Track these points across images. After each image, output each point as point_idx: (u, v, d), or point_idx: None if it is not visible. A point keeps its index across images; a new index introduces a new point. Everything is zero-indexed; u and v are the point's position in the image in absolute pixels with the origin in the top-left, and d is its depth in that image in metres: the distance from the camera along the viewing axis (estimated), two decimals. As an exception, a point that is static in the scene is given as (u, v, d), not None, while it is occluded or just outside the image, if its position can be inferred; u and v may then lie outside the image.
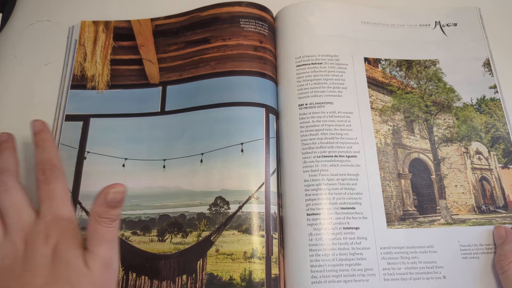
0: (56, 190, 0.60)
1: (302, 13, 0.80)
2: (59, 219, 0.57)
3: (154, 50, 0.80)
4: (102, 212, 0.55)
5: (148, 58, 0.80)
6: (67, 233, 0.56)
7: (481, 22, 0.83)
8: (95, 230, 0.55)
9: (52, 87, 0.79)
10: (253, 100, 0.73)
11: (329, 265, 0.64)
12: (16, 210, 0.57)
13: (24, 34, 0.85)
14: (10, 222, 0.56)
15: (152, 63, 0.79)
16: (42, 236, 0.54)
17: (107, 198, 0.55)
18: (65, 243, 0.54)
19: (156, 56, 0.80)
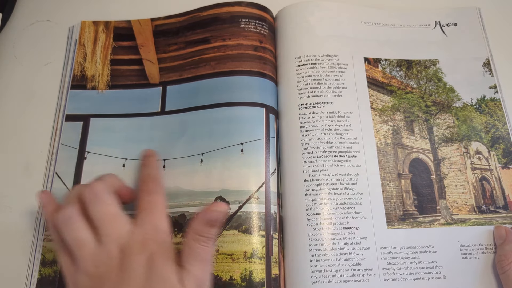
0: (157, 202, 0.60)
1: (302, 13, 0.81)
2: (157, 230, 0.57)
3: (154, 50, 0.81)
4: (201, 230, 0.55)
5: (148, 58, 0.80)
6: (163, 245, 0.56)
7: (481, 22, 0.84)
8: (191, 248, 0.55)
9: (52, 87, 0.80)
10: (253, 100, 0.73)
11: (329, 265, 0.64)
12: (112, 218, 0.57)
13: (24, 34, 0.85)
14: (105, 233, 0.55)
15: (152, 63, 0.79)
16: (139, 245, 0.54)
17: (208, 216, 0.55)
18: (161, 255, 0.54)
19: (156, 56, 0.80)
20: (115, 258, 0.54)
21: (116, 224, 0.56)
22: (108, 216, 0.56)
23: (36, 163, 0.74)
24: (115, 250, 0.54)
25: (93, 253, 0.55)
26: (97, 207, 0.56)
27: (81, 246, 0.55)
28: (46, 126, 0.76)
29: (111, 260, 0.54)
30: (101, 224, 0.56)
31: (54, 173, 0.72)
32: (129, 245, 0.54)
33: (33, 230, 0.69)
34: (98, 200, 0.57)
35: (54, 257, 0.67)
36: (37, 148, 0.75)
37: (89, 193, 0.57)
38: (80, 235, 0.55)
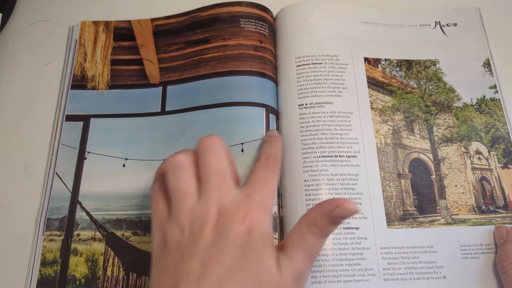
0: (272, 180, 0.58)
1: (302, 13, 0.81)
2: (264, 206, 0.54)
3: (155, 50, 0.81)
4: (321, 223, 0.51)
5: (149, 58, 0.80)
6: (265, 223, 0.53)
7: (481, 22, 0.84)
8: (302, 236, 0.52)
9: (52, 87, 0.80)
10: (253, 100, 0.73)
11: (329, 265, 0.64)
12: (220, 175, 0.54)
13: (24, 34, 0.85)
14: (209, 188, 0.53)
15: (152, 63, 0.80)
16: (242, 213, 0.51)
17: (335, 212, 0.51)
18: (262, 233, 0.51)
19: (156, 56, 0.80)
20: (213, 219, 0.51)
21: (223, 183, 0.54)
22: (217, 171, 0.55)
23: (36, 163, 0.74)
24: (214, 210, 0.52)
25: (192, 206, 0.53)
26: (209, 159, 0.55)
27: (183, 197, 0.53)
28: (46, 126, 0.77)
29: (208, 219, 0.51)
30: (208, 178, 0.54)
31: (54, 173, 0.72)
32: (230, 210, 0.52)
33: (33, 230, 0.69)
34: (213, 152, 0.56)
35: (54, 257, 0.67)
36: (37, 148, 0.75)
37: (206, 143, 0.57)
38: (185, 185, 0.54)
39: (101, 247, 0.68)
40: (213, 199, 0.52)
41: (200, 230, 0.50)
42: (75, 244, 0.68)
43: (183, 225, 0.51)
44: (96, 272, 0.66)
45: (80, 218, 0.69)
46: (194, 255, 0.48)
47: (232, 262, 0.48)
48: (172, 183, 0.55)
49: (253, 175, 0.58)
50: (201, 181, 0.54)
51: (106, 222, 0.69)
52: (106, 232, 0.69)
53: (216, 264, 0.47)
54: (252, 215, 0.51)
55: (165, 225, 0.53)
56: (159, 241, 0.53)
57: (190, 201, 0.53)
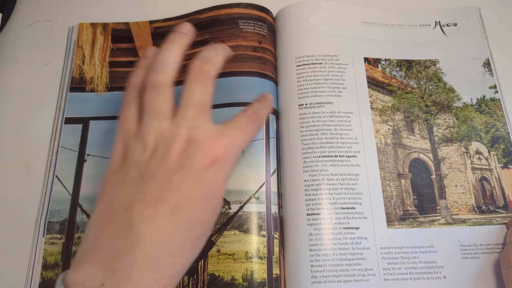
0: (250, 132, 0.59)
1: (302, 13, 0.82)
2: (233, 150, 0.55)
3: (153, 52, 0.82)
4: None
5: (147, 60, 0.81)
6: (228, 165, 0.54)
7: (481, 22, 0.85)
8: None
9: (52, 87, 0.81)
10: (252, 100, 0.73)
11: (329, 265, 0.65)
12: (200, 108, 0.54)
13: (24, 34, 0.86)
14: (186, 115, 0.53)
15: (151, 65, 0.81)
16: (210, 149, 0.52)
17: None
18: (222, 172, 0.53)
19: (155, 58, 0.81)
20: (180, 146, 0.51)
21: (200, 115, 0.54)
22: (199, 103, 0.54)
23: (36, 163, 0.75)
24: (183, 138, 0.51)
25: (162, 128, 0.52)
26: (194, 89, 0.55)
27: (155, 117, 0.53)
28: (46, 126, 0.77)
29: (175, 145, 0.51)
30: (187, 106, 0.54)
31: (54, 175, 0.73)
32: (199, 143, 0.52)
33: (33, 230, 0.70)
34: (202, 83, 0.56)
35: (55, 260, 0.68)
36: (37, 148, 0.76)
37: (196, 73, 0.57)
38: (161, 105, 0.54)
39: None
40: (186, 126, 0.52)
41: (165, 154, 0.51)
42: (76, 247, 0.68)
43: (148, 144, 0.52)
44: (97, 273, 0.67)
45: (81, 221, 0.70)
46: (154, 177, 0.49)
47: (192, 192, 0.49)
48: (147, 101, 0.55)
49: (234, 119, 0.58)
50: (180, 106, 0.54)
51: (106, 223, 0.70)
52: (106, 233, 0.69)
53: (175, 190, 0.49)
54: (219, 154, 0.52)
55: (130, 139, 0.54)
56: (120, 154, 0.54)
57: (161, 122, 0.53)
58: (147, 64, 0.59)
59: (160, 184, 0.49)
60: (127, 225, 0.47)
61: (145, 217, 0.47)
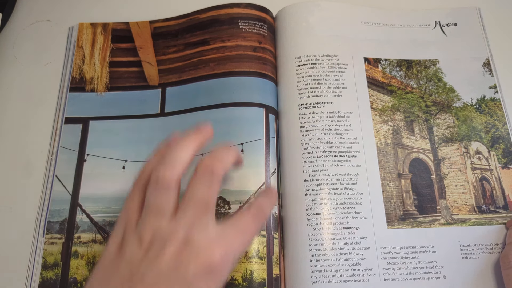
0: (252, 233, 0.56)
1: (302, 13, 0.82)
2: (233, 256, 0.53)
3: (153, 52, 0.82)
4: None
5: (147, 60, 0.81)
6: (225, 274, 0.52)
7: (481, 22, 0.85)
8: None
9: (52, 87, 0.81)
10: (253, 100, 0.74)
11: (329, 265, 0.65)
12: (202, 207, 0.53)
13: (24, 34, 0.86)
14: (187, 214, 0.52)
15: (151, 65, 0.81)
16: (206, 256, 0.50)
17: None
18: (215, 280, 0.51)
19: (155, 58, 0.81)
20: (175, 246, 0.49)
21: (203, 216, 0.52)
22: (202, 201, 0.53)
23: (36, 163, 0.75)
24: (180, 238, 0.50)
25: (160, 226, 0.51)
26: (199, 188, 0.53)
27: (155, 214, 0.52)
28: (46, 126, 0.78)
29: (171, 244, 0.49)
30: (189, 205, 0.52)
31: (54, 175, 0.73)
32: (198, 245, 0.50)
33: (33, 230, 0.70)
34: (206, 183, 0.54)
35: (55, 260, 0.68)
36: (37, 148, 0.76)
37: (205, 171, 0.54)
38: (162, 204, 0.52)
39: (102, 249, 0.69)
40: (184, 226, 0.51)
41: (159, 254, 0.49)
42: (76, 247, 0.69)
43: (144, 240, 0.51)
44: (97, 273, 0.67)
45: (81, 221, 0.70)
46: (142, 280, 0.48)
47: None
48: (150, 197, 0.54)
49: (237, 218, 0.55)
50: (181, 203, 0.53)
51: (107, 224, 0.70)
52: (107, 234, 0.70)
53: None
54: (214, 261, 0.50)
55: (129, 230, 0.53)
56: (116, 244, 0.53)
57: (160, 220, 0.52)
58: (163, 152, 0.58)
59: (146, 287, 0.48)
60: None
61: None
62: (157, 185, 0.53)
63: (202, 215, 0.52)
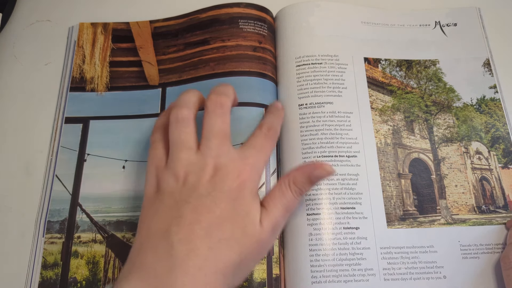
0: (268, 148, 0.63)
1: (302, 13, 0.82)
2: (257, 169, 0.60)
3: (153, 52, 0.82)
4: (300, 181, 0.59)
5: (147, 60, 0.81)
6: (256, 184, 0.59)
7: (481, 22, 0.85)
8: (282, 193, 0.59)
9: (52, 87, 0.81)
10: (252, 100, 0.74)
11: (329, 265, 0.65)
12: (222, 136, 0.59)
13: (24, 34, 0.86)
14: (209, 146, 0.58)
15: (151, 65, 0.81)
16: (236, 172, 0.57)
17: (314, 171, 0.59)
18: (252, 191, 0.57)
19: (155, 58, 0.81)
20: (208, 174, 0.56)
21: (223, 144, 0.59)
22: (220, 133, 0.59)
23: (36, 163, 0.75)
24: (211, 166, 0.57)
25: (190, 159, 0.57)
26: (215, 121, 0.60)
27: (182, 149, 0.58)
28: (46, 126, 0.78)
29: (204, 173, 0.56)
30: (210, 137, 0.59)
31: (54, 174, 0.73)
32: (226, 168, 0.57)
33: (33, 230, 0.70)
34: (219, 115, 0.60)
35: (55, 260, 0.68)
36: (37, 148, 0.76)
37: (215, 105, 0.61)
38: (186, 138, 0.59)
39: (102, 249, 0.69)
40: (211, 156, 0.57)
41: (196, 182, 0.55)
42: (76, 247, 0.69)
43: (179, 175, 0.56)
44: (97, 274, 0.67)
45: (81, 221, 0.70)
46: (188, 202, 0.53)
47: (222, 212, 0.53)
48: (174, 135, 0.59)
49: (252, 140, 0.63)
50: (203, 137, 0.59)
51: (107, 224, 0.70)
52: (107, 234, 0.70)
53: (207, 212, 0.53)
54: (245, 175, 0.57)
55: (161, 172, 0.58)
56: (153, 186, 0.59)
57: (188, 153, 0.58)
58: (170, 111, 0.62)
59: (193, 208, 0.53)
60: (167, 247, 0.50)
61: (182, 238, 0.51)
62: (178, 123, 0.59)
63: (223, 143, 0.59)
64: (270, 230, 0.56)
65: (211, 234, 0.51)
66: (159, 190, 0.57)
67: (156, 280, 0.48)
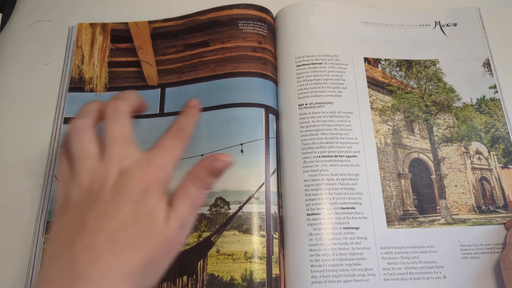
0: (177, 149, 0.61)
1: (302, 13, 0.82)
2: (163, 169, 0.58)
3: (152, 52, 0.82)
4: (202, 177, 0.58)
5: (146, 60, 0.81)
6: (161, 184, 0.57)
7: (481, 22, 0.85)
8: (186, 190, 0.57)
9: (52, 87, 0.81)
10: (252, 100, 0.75)
11: (329, 265, 0.65)
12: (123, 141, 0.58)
13: (24, 34, 0.87)
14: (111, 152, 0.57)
15: (150, 65, 0.81)
16: (140, 175, 0.55)
17: (213, 165, 0.58)
18: (156, 192, 0.56)
19: (154, 58, 0.82)
20: (112, 179, 0.55)
21: (125, 148, 0.58)
22: (121, 137, 0.58)
23: (36, 163, 0.75)
24: (115, 172, 0.56)
25: (93, 167, 0.56)
26: (113, 126, 0.59)
27: (84, 158, 0.57)
28: (46, 126, 0.78)
29: (108, 180, 0.55)
30: (111, 142, 0.57)
31: (53, 175, 0.73)
32: (130, 171, 0.56)
33: (33, 230, 0.70)
34: (117, 119, 0.59)
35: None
36: (37, 148, 0.76)
37: (111, 111, 0.59)
38: (86, 147, 0.57)
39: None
40: (114, 161, 0.56)
41: (99, 190, 0.54)
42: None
43: (83, 184, 0.55)
44: (96, 273, 0.68)
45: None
46: (91, 211, 0.52)
47: (126, 216, 0.52)
48: (74, 145, 0.58)
49: (160, 141, 0.61)
50: (104, 144, 0.58)
51: (106, 223, 0.70)
52: (106, 233, 0.70)
53: (110, 218, 0.52)
54: (150, 176, 0.55)
55: (67, 185, 0.57)
56: (61, 201, 0.57)
57: (90, 162, 0.56)
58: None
59: (96, 215, 0.52)
60: (70, 258, 0.50)
61: (85, 247, 0.50)
62: (76, 134, 0.58)
63: (126, 147, 0.57)
64: (177, 227, 0.56)
65: (115, 239, 0.51)
66: (66, 203, 0.56)
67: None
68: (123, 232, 0.51)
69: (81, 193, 0.55)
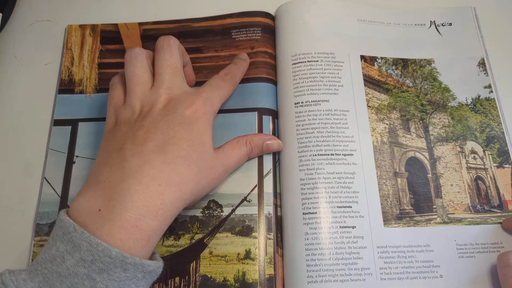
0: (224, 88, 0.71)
1: (298, 10, 0.83)
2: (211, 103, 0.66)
3: (143, 54, 0.83)
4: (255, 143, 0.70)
5: (137, 62, 0.82)
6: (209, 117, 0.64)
7: (476, 22, 0.86)
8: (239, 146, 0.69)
9: (52, 87, 0.82)
10: (245, 106, 0.77)
11: (325, 265, 0.66)
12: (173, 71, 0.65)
13: (24, 34, 0.88)
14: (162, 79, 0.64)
15: (140, 66, 0.82)
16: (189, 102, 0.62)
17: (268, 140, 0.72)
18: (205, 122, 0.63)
19: (144, 60, 0.82)
20: (162, 103, 0.62)
21: (176, 77, 0.65)
22: (170, 66, 0.64)
23: (36, 163, 0.76)
24: (164, 97, 0.62)
25: (144, 92, 0.63)
26: (164, 55, 0.65)
27: (137, 83, 0.63)
28: (45, 126, 0.79)
29: (158, 103, 0.62)
30: (162, 71, 0.64)
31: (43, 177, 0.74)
32: (179, 98, 0.63)
33: (33, 230, 0.71)
34: (168, 49, 0.65)
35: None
36: (37, 148, 0.77)
37: (162, 41, 0.67)
38: (139, 72, 0.64)
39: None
40: (164, 88, 0.63)
41: (150, 111, 0.61)
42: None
43: (135, 107, 0.62)
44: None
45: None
46: (142, 126, 0.59)
47: (176, 134, 0.58)
48: (128, 71, 0.65)
49: (209, 81, 0.70)
50: (155, 73, 0.65)
51: (96, 225, 0.71)
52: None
53: (161, 133, 0.58)
54: (198, 105, 0.63)
55: (119, 109, 0.64)
56: (111, 122, 0.63)
57: (143, 87, 0.64)
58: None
59: (147, 130, 0.59)
60: (120, 161, 0.56)
61: (135, 153, 0.56)
62: (131, 59, 0.66)
63: (175, 76, 0.65)
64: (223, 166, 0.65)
65: (166, 151, 0.57)
66: (117, 122, 0.62)
67: (110, 190, 0.53)
68: (174, 147, 0.58)
69: (133, 114, 0.61)
